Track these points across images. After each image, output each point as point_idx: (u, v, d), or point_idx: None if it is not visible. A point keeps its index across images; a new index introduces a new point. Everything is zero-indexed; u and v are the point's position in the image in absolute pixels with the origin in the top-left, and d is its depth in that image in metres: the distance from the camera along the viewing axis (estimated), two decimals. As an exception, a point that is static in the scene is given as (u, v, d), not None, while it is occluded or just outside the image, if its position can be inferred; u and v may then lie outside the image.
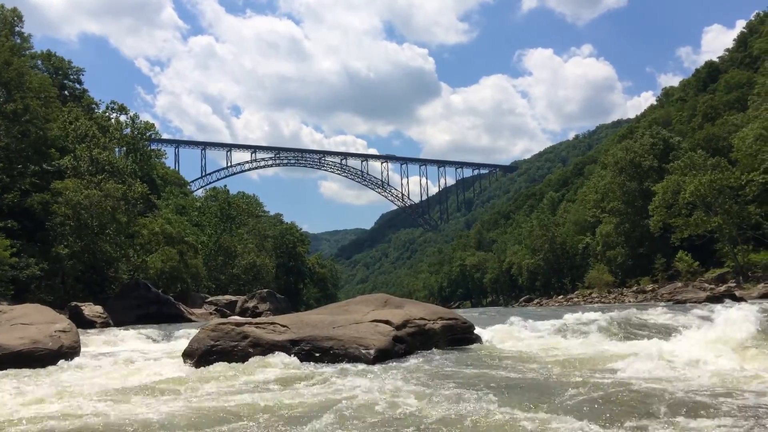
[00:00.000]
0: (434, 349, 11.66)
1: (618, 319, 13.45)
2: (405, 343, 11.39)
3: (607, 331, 12.32)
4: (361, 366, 9.47)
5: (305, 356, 10.72)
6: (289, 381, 7.97)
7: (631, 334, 11.96)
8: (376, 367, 9.28)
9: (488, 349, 11.60)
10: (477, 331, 14.10)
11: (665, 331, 11.83)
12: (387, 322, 11.85)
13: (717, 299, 31.27)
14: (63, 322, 13.00)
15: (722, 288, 39.39)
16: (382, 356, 10.47)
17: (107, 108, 60.26)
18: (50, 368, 10.36)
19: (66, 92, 63.95)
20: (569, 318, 14.78)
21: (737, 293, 36.10)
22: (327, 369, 9.15)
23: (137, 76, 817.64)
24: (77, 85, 68.27)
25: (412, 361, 10.09)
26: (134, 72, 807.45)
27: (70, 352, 11.84)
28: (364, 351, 10.59)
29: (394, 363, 9.70)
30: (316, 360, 10.49)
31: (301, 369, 9.23)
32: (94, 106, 64.32)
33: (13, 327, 12.28)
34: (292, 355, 10.62)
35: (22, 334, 11.68)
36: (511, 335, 13.92)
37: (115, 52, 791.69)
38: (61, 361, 11.11)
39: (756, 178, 54.57)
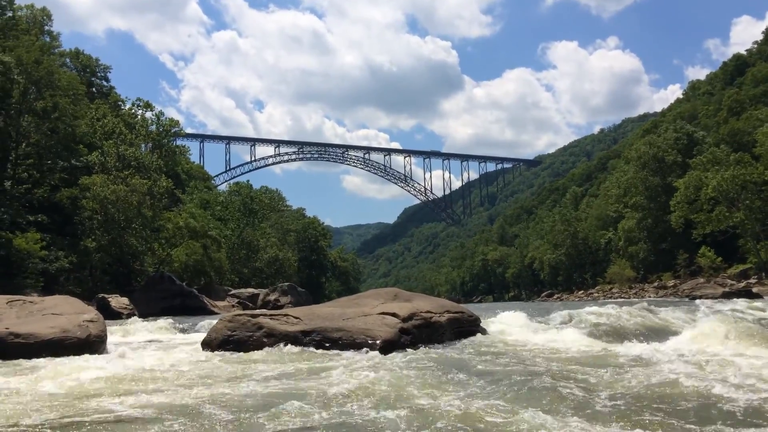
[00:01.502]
0: (440, 341, 12.19)
1: (616, 315, 13.85)
2: (411, 335, 11.94)
3: (602, 326, 12.76)
4: (367, 355, 10.06)
5: (316, 346, 11.36)
6: (297, 369, 8.58)
7: (622, 330, 12.43)
8: (381, 357, 9.86)
9: (492, 342, 12.09)
10: (484, 323, 14.63)
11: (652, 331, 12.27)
12: (394, 314, 12.41)
13: (734, 295, 31.33)
14: (91, 312, 13.77)
15: (741, 284, 39.23)
16: (388, 347, 11.04)
17: (133, 105, 61.59)
18: (78, 356, 11.11)
19: (94, 89, 65.44)
20: (574, 313, 15.20)
21: (755, 290, 36.00)
22: (335, 358, 9.75)
23: (162, 71, 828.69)
24: (104, 83, 69.89)
25: (416, 351, 10.65)
26: (159, 67, 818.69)
27: (97, 341, 12.58)
28: (370, 342, 11.18)
29: (399, 353, 10.27)
30: (326, 349, 11.10)
31: (311, 358, 9.84)
32: (120, 103, 65.76)
33: (44, 317, 13.09)
34: (303, 345, 11.28)
35: (52, 323, 12.46)
36: (517, 328, 14.37)
37: (140, 48, 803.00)
38: (89, 350, 11.87)
39: (780, 174, 54.01)
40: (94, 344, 12.31)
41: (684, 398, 5.76)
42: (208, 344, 12.16)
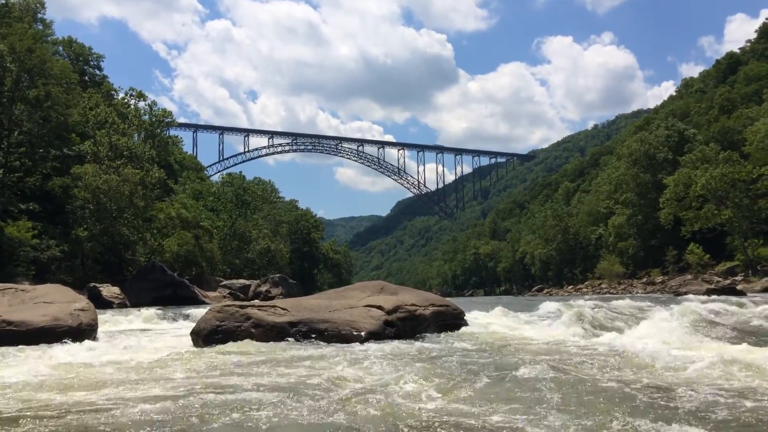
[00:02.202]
0: (423, 334, 12.50)
1: (592, 309, 14.23)
2: (395, 327, 12.25)
3: (575, 319, 13.16)
4: (350, 346, 10.36)
5: (302, 337, 11.64)
6: (281, 359, 8.87)
7: (597, 323, 12.84)
8: (364, 348, 10.16)
9: (474, 335, 12.40)
10: (468, 317, 14.95)
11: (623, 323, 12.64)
12: (379, 307, 12.71)
13: (718, 292, 31.82)
14: (82, 301, 14.02)
15: (727, 282, 39.80)
16: (372, 338, 11.36)
17: (126, 94, 61.51)
18: (69, 344, 11.36)
19: (86, 78, 65.25)
20: (549, 306, 15.60)
21: (739, 287, 36.55)
22: (318, 348, 10.05)
23: (155, 60, 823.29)
24: (97, 72, 69.65)
25: (399, 342, 10.96)
26: (152, 56, 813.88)
27: (88, 329, 12.84)
28: (355, 333, 11.50)
29: (382, 344, 10.57)
30: (312, 340, 11.39)
31: (295, 349, 10.13)
32: (113, 92, 65.64)
33: (36, 305, 13.33)
34: (290, 336, 11.57)
35: (44, 311, 12.70)
36: (500, 322, 14.71)
37: (133, 36, 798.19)
38: (80, 338, 12.12)
39: (767, 173, 54.59)
40: (85, 332, 12.55)
41: (598, 382, 6.08)
42: (197, 334, 12.41)
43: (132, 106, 59.91)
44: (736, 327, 10.70)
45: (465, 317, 14.53)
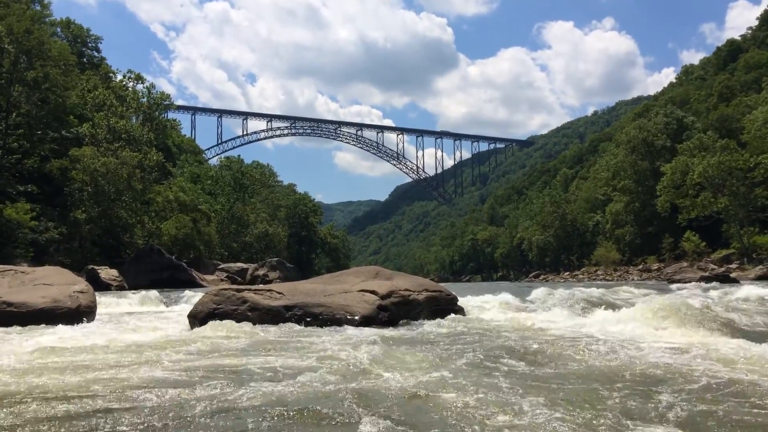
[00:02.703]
0: (416, 318, 12.73)
1: (581, 296, 14.48)
2: (389, 312, 12.46)
3: (568, 305, 13.41)
4: (344, 330, 10.59)
5: (297, 320, 11.85)
6: (274, 341, 9.09)
7: (583, 309, 13.10)
8: (357, 330, 10.39)
9: (466, 320, 12.61)
10: (462, 302, 15.17)
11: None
12: (373, 292, 12.92)
13: (711, 280, 32.12)
14: (81, 283, 14.20)
15: (722, 269, 40.12)
16: (366, 322, 11.58)
17: (124, 77, 61.37)
18: (69, 325, 11.57)
19: (84, 60, 65.06)
20: (540, 293, 15.85)
21: (733, 275, 36.86)
22: (313, 332, 10.27)
23: (153, 41, 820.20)
24: (95, 53, 69.50)
25: (392, 327, 11.19)
26: (150, 37, 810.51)
27: (87, 311, 13.03)
28: (349, 317, 11.72)
29: (375, 328, 10.80)
30: (307, 324, 11.60)
31: (290, 332, 10.35)
32: (111, 75, 65.48)
33: (36, 287, 13.52)
34: (286, 320, 11.79)
35: (44, 293, 12.90)
36: (491, 307, 14.92)
37: (131, 17, 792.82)
38: (79, 319, 12.33)
39: (765, 161, 54.73)
40: (83, 314, 12.75)
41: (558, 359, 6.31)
42: (194, 316, 12.61)
43: (130, 89, 59.81)
44: (719, 316, 10.92)
45: (458, 302, 14.75)
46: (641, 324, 10.14)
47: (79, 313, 12.62)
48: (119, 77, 63.80)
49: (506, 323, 11.83)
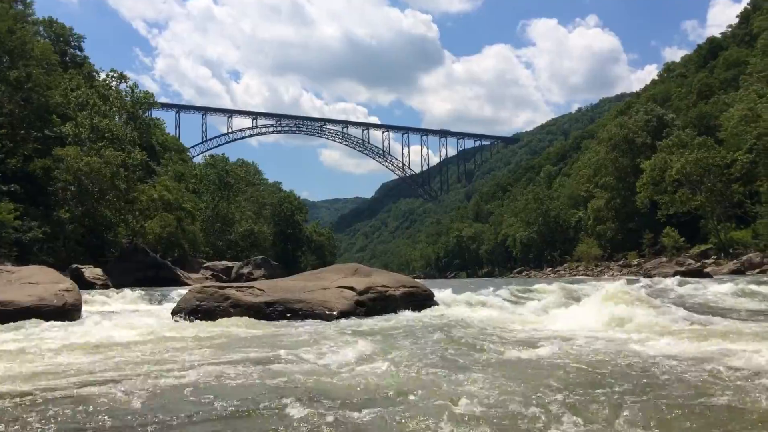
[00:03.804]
0: (392, 313, 13.24)
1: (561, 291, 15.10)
2: (365, 307, 12.99)
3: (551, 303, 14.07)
4: (320, 324, 11.10)
5: (278, 316, 12.34)
6: (252, 335, 9.58)
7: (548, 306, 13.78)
8: (334, 324, 10.91)
9: (440, 315, 13.13)
10: (439, 297, 15.71)
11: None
12: (351, 288, 13.44)
13: (685, 274, 32.98)
14: (66, 282, 14.56)
15: (697, 264, 41.10)
16: (344, 316, 12.11)
17: (107, 76, 61.29)
18: (55, 322, 11.96)
19: (67, 59, 64.86)
20: (515, 288, 16.41)
21: (708, 270, 37.79)
22: (290, 326, 10.76)
23: (135, 38, 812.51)
24: (78, 52, 69.20)
25: (367, 320, 11.71)
26: (132, 34, 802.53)
27: (73, 309, 13.40)
28: (327, 312, 12.23)
29: (350, 321, 11.34)
30: (288, 319, 12.09)
31: (268, 327, 10.83)
32: (94, 74, 65.35)
33: (22, 286, 13.87)
34: (266, 315, 12.27)
35: (30, 292, 13.25)
36: (465, 303, 15.47)
37: (113, 14, 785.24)
38: (64, 317, 12.70)
39: (741, 158, 55.88)
40: (69, 312, 13.12)
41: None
42: (177, 313, 13.06)
43: (114, 88, 59.76)
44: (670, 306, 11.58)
45: (434, 298, 15.30)
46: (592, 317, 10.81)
47: (65, 311, 12.98)
48: (102, 76, 63.72)
49: (473, 317, 12.34)
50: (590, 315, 10.81)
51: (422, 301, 14.86)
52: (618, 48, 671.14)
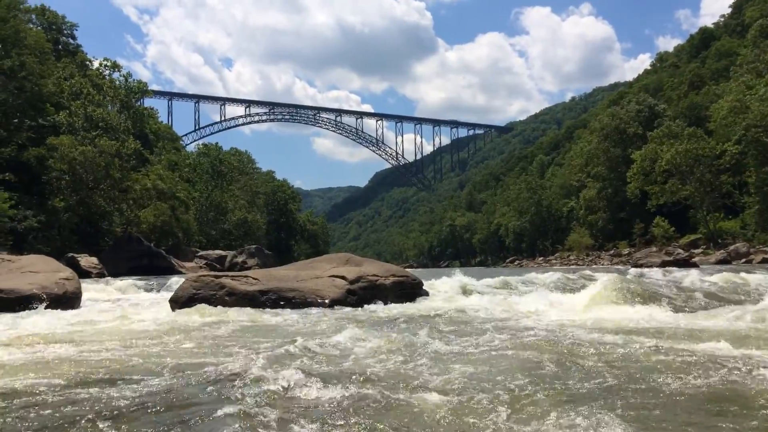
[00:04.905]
0: (383, 302, 13.71)
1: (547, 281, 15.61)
2: (356, 296, 13.45)
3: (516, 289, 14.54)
4: (311, 312, 11.58)
5: (272, 304, 12.80)
6: (245, 323, 10.05)
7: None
8: (324, 312, 11.39)
9: (429, 304, 13.63)
10: (428, 286, 16.20)
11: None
12: (343, 277, 13.90)
13: (673, 264, 33.58)
14: (66, 271, 14.97)
15: (685, 254, 41.73)
16: (335, 305, 12.58)
17: (101, 65, 61.26)
18: (57, 310, 12.39)
19: (60, 47, 64.75)
20: (506, 278, 16.94)
21: (695, 259, 38.44)
22: (283, 314, 11.23)
23: (126, 25, 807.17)
24: (71, 41, 69.07)
25: (357, 308, 12.20)
26: (123, 20, 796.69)
27: (73, 297, 13.83)
28: (319, 301, 12.71)
29: (341, 310, 11.81)
30: (281, 307, 12.55)
31: (262, 315, 11.30)
32: (87, 62, 65.28)
33: (23, 274, 14.28)
34: (261, 303, 12.74)
35: (31, 280, 13.66)
36: (453, 292, 15.96)
37: (104, 0, 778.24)
38: (65, 305, 13.12)
39: (730, 149, 56.53)
40: (69, 300, 13.55)
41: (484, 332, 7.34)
42: (175, 301, 13.50)
43: (107, 77, 59.77)
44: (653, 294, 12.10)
45: (423, 287, 15.78)
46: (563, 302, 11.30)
47: (65, 299, 13.41)
48: (95, 65, 63.71)
49: (461, 306, 12.80)
50: (579, 307, 11.31)
51: (411, 290, 15.34)
52: (612, 37, 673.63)
